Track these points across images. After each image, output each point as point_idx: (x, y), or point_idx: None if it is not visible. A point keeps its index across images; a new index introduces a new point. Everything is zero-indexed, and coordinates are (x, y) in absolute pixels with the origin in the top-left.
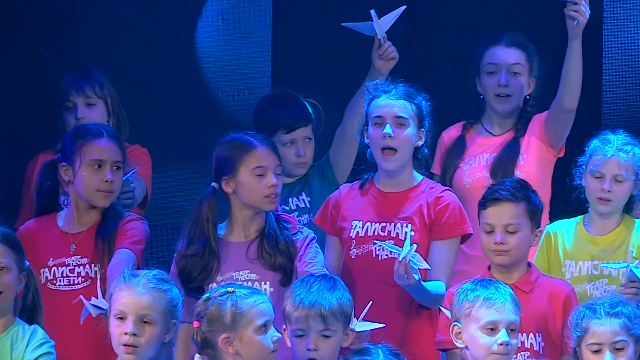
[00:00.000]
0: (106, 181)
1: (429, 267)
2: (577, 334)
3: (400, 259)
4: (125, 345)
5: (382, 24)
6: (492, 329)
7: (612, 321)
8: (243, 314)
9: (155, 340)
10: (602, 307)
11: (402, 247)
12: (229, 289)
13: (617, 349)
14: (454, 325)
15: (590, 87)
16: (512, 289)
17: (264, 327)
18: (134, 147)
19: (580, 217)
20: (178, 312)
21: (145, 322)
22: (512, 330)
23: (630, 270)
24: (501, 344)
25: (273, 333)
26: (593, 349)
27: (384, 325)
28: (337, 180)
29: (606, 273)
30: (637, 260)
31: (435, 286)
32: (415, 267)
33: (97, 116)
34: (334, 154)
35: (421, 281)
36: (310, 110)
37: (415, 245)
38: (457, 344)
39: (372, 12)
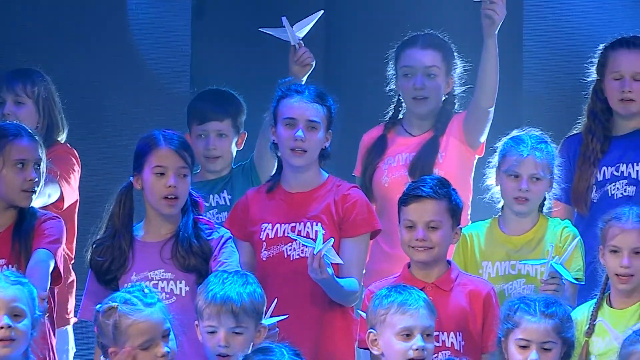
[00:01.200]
0: (30, 180)
1: (342, 262)
2: (507, 326)
3: (314, 253)
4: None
5: (298, 30)
6: (407, 334)
7: (545, 321)
8: (122, 332)
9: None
10: (537, 304)
11: (316, 241)
12: (112, 305)
13: (545, 349)
14: (370, 332)
15: (510, 86)
16: (432, 287)
17: (146, 344)
18: (59, 146)
19: (494, 217)
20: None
21: (16, 315)
22: (427, 335)
23: (551, 265)
24: (417, 349)
25: (158, 349)
26: (521, 344)
27: (287, 315)
28: (261, 182)
29: (524, 272)
30: (557, 256)
31: (347, 283)
32: (328, 261)
33: (24, 115)
34: (257, 158)
35: (334, 276)
36: (236, 109)
37: (332, 240)
38: (373, 351)
39: (284, 19)
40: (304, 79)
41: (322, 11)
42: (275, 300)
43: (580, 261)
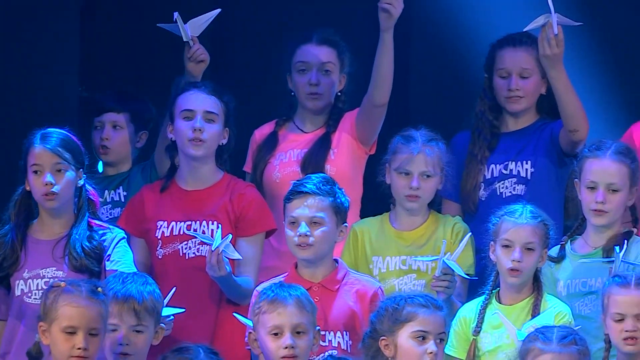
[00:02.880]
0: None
1: (241, 257)
2: (397, 318)
3: (213, 249)
4: None
5: (193, 26)
6: (276, 333)
7: (440, 311)
8: (54, 309)
9: None
10: (426, 300)
11: (214, 237)
12: (60, 283)
13: (441, 339)
14: (249, 332)
15: (397, 84)
16: (318, 287)
17: (69, 330)
18: None
19: (385, 213)
20: None
21: None
22: (298, 332)
23: (444, 262)
24: (285, 348)
25: (77, 340)
26: (419, 335)
27: (184, 309)
28: None
29: (415, 268)
30: (449, 253)
31: (243, 281)
32: (226, 258)
33: None
34: (157, 158)
35: (232, 274)
36: (136, 105)
37: (230, 236)
38: (254, 351)
39: (176, 14)
40: (199, 76)
41: (219, 9)
42: (174, 288)
43: (472, 257)
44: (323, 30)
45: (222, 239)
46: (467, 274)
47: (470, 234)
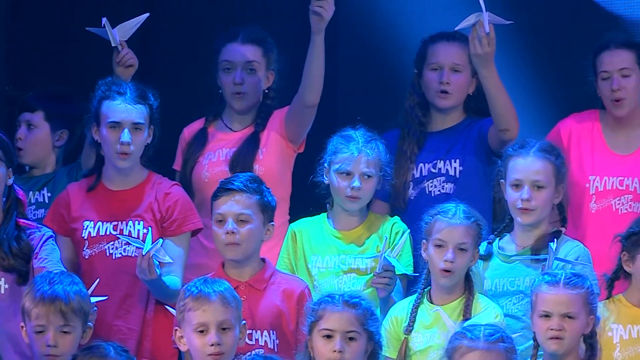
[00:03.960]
0: None
1: (172, 261)
2: (310, 320)
3: (144, 253)
4: None
5: (122, 31)
6: (202, 330)
7: (348, 310)
8: None
9: None
10: (341, 296)
11: (144, 241)
12: None
13: (350, 338)
14: (175, 329)
15: (325, 83)
16: (245, 286)
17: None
18: None
19: (323, 214)
20: None
21: None
22: (223, 329)
23: (385, 258)
24: (212, 345)
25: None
26: (324, 334)
27: (106, 297)
28: None
29: (354, 267)
30: (389, 250)
31: (170, 281)
32: (157, 262)
33: None
34: (84, 160)
35: (161, 276)
36: (53, 104)
37: (161, 240)
38: (181, 348)
39: (104, 20)
40: (128, 79)
41: (147, 14)
42: (98, 280)
43: (410, 256)
44: (250, 28)
45: (152, 243)
46: (407, 273)
47: (408, 232)
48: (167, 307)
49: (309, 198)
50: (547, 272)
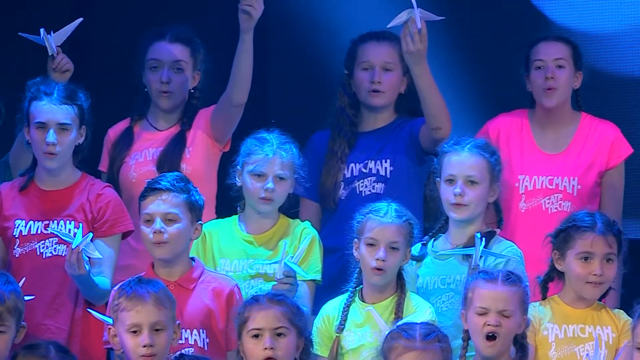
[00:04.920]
0: None
1: (101, 256)
2: (238, 324)
3: (73, 247)
4: None
5: (57, 38)
6: (135, 331)
7: (274, 307)
8: None
9: None
10: (264, 296)
11: (75, 236)
12: None
13: (279, 334)
14: (109, 328)
15: (255, 82)
16: (175, 286)
17: None
18: None
19: (235, 216)
20: None
21: None
22: (156, 330)
23: (285, 264)
24: (144, 346)
25: None
26: (253, 334)
27: (33, 296)
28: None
29: (262, 272)
30: (290, 255)
31: (100, 281)
32: (86, 257)
33: None
34: (13, 157)
35: (90, 274)
36: None
37: (91, 234)
38: (114, 347)
39: (42, 31)
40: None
41: (81, 19)
42: (24, 278)
43: (319, 261)
44: (177, 27)
45: (82, 237)
46: (314, 279)
47: (312, 236)
48: (89, 310)
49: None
50: (484, 269)
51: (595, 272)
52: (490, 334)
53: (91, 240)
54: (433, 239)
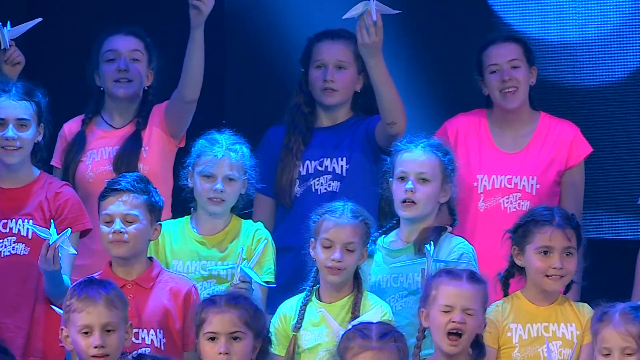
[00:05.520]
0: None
1: (76, 252)
2: (196, 324)
3: (50, 243)
4: None
5: (12, 33)
6: (86, 332)
7: (230, 311)
8: None
9: None
10: (222, 297)
11: (50, 231)
12: None
13: (235, 338)
14: (61, 329)
15: (212, 80)
16: (132, 285)
17: None
18: None
19: (187, 217)
20: None
21: None
22: (108, 330)
23: (241, 269)
24: (96, 347)
25: None
26: (209, 336)
27: None
28: None
29: (215, 273)
30: (246, 260)
31: (65, 280)
32: (61, 253)
33: None
34: None
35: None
36: None
37: (69, 230)
38: (67, 347)
39: None
40: (15, 77)
41: (40, 19)
42: None
43: (272, 264)
44: (131, 23)
45: (58, 233)
46: (266, 282)
47: (267, 241)
48: (53, 306)
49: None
50: (447, 268)
51: (554, 265)
52: (454, 332)
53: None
54: (384, 235)
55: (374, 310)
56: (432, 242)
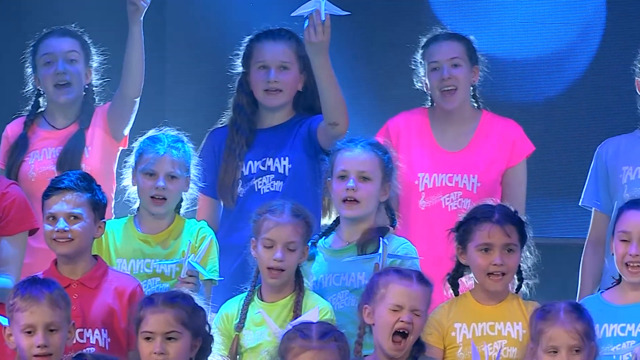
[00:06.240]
0: None
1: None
2: (135, 322)
3: None
4: None
5: None
6: (29, 331)
7: (167, 311)
8: None
9: None
10: (160, 297)
11: None
12: None
13: (170, 338)
14: (5, 327)
15: (153, 81)
16: (77, 284)
17: None
18: None
19: (130, 216)
20: None
21: None
22: (51, 330)
23: (189, 264)
24: (39, 347)
25: None
26: (145, 336)
27: None
28: None
29: (159, 271)
30: (193, 255)
31: (3, 281)
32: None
33: None
34: None
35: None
36: None
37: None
38: (10, 346)
39: None
40: None
41: None
42: None
43: (216, 260)
44: (64, 26)
45: None
46: (212, 278)
47: (212, 237)
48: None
49: None
50: (393, 267)
51: (495, 262)
52: (401, 331)
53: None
54: (324, 237)
55: (315, 310)
56: (385, 238)
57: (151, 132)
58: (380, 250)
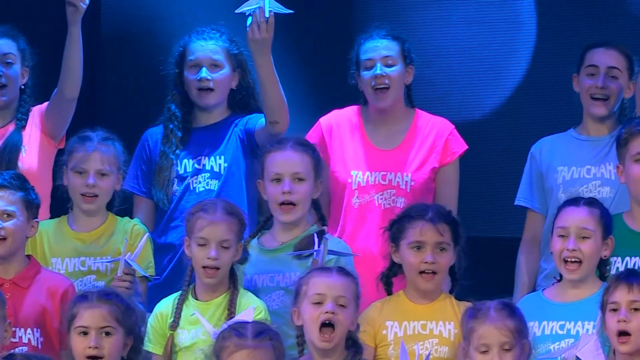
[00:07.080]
0: None
1: None
2: (67, 319)
3: None
4: None
5: None
6: None
7: (101, 306)
8: None
9: None
10: (94, 293)
11: None
12: None
13: (106, 333)
14: None
15: (87, 80)
16: (10, 284)
17: None
18: None
19: (64, 215)
20: None
21: None
22: None
23: (125, 261)
24: None
25: None
26: (79, 331)
27: None
28: None
29: (94, 269)
30: (129, 253)
31: None
32: None
33: None
34: None
35: None
36: None
37: None
38: None
39: None
40: None
41: None
42: None
43: (151, 257)
44: (2, 24)
45: None
46: (147, 276)
47: (147, 234)
48: None
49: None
50: (317, 266)
51: (426, 260)
52: (327, 322)
53: None
54: (256, 237)
55: (250, 309)
56: (316, 237)
57: (82, 131)
58: (320, 247)
